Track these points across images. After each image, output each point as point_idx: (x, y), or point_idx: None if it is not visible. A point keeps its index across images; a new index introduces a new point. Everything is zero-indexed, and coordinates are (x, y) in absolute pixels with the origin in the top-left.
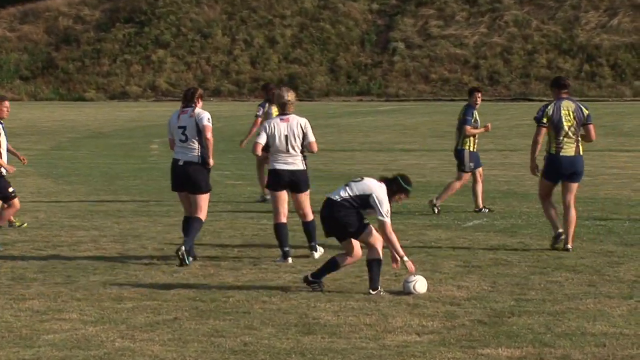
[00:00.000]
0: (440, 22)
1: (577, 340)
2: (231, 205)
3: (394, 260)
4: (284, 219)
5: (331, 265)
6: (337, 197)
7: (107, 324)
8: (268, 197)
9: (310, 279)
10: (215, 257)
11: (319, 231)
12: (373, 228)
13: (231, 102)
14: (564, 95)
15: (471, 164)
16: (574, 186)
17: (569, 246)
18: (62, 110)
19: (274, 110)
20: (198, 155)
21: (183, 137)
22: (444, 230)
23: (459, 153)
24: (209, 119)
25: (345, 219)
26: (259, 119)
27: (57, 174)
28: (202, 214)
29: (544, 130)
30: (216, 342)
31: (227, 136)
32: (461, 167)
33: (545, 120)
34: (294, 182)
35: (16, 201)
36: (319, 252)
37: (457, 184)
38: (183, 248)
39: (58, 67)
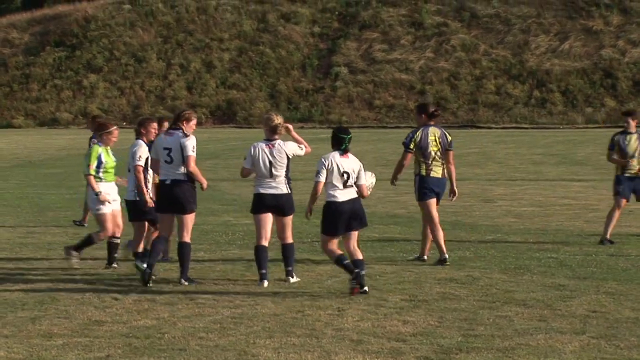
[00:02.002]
0: (384, 46)
1: None
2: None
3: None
4: (265, 242)
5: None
6: (356, 195)
7: None
8: (86, 224)
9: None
10: (150, 292)
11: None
12: None
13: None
14: (431, 123)
15: (620, 187)
16: (436, 203)
17: (446, 256)
18: None
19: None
20: (184, 174)
21: (168, 159)
22: (389, 263)
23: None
24: (193, 147)
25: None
26: None
27: None
28: (188, 236)
29: (410, 156)
30: None
31: None
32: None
33: (412, 146)
34: (278, 206)
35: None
36: (296, 279)
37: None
38: (182, 280)
39: None
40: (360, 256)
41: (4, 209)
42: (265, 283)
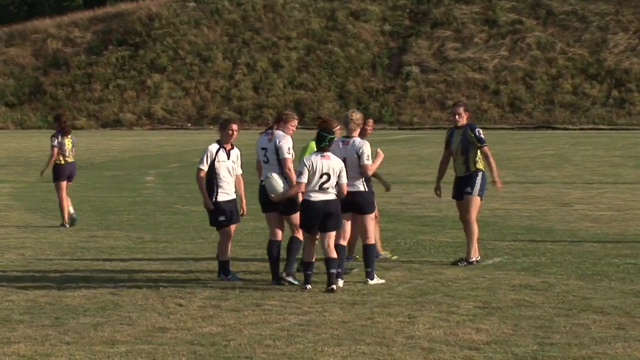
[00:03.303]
0: (457, 44)
1: None
2: (232, 242)
3: None
4: (343, 242)
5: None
6: (332, 197)
7: None
8: (67, 225)
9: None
10: (215, 297)
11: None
12: None
13: None
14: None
15: None
16: None
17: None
18: None
19: (67, 140)
20: (279, 174)
21: (265, 159)
22: (462, 268)
23: None
24: (289, 149)
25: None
26: (56, 149)
27: (46, 208)
28: (299, 232)
29: None
30: None
31: None
32: None
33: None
34: (356, 204)
35: (228, 230)
36: (376, 280)
37: None
38: (284, 274)
39: (46, 93)
40: (333, 255)
41: None
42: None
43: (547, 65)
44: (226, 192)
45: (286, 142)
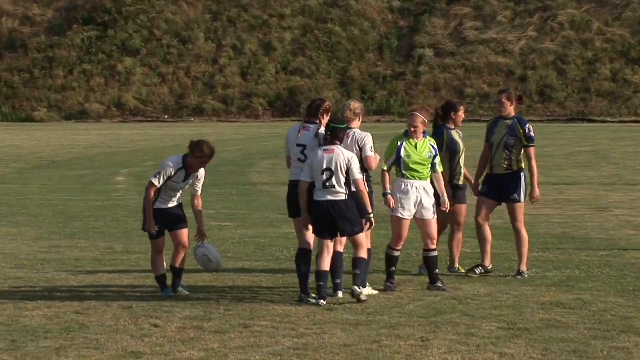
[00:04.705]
0: (478, 23)
1: None
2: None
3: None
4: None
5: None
6: (340, 197)
7: None
8: None
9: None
10: (197, 317)
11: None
12: None
13: (216, 122)
14: None
15: None
16: None
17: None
18: (6, 133)
19: None
20: None
21: (302, 157)
22: (484, 283)
23: None
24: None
25: (356, 214)
26: None
27: (0, 214)
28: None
29: None
30: None
31: (212, 166)
32: None
33: None
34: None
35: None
36: (368, 290)
37: None
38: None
39: (1, 80)
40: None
41: (24, 219)
42: (340, 294)
43: (582, 48)
44: (165, 201)
45: None
